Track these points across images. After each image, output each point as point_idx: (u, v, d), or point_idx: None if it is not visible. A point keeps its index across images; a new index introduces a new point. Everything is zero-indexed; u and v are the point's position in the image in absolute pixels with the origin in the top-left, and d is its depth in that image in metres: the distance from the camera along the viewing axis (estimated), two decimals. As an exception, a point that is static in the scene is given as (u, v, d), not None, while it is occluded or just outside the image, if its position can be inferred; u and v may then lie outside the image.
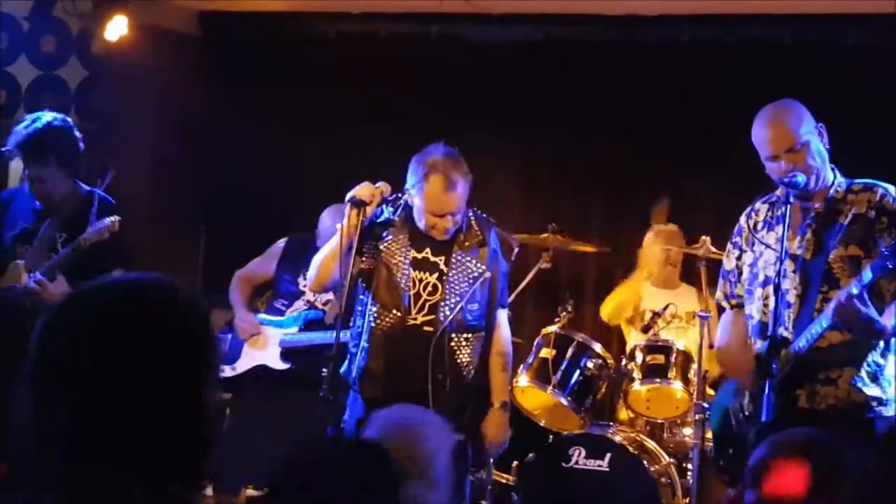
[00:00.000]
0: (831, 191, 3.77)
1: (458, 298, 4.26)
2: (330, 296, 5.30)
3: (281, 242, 5.51)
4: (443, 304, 4.25)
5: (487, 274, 4.31)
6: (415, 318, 4.28)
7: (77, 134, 4.72)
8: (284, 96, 6.57)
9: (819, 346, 3.62)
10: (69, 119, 4.78)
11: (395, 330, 4.28)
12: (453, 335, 4.27)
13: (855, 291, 3.45)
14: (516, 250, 4.44)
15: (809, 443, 2.51)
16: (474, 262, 4.31)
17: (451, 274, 4.29)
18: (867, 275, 3.46)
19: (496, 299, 4.38)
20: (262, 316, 5.42)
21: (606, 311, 5.86)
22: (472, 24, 6.49)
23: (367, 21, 6.59)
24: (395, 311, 4.28)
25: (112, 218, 4.49)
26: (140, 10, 6.21)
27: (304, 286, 5.35)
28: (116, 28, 6.06)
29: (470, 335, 4.31)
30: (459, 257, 4.31)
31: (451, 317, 4.24)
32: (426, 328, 4.26)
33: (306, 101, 6.60)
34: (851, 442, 2.94)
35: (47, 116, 4.68)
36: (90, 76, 6.46)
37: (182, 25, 6.68)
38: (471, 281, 4.29)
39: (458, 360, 4.29)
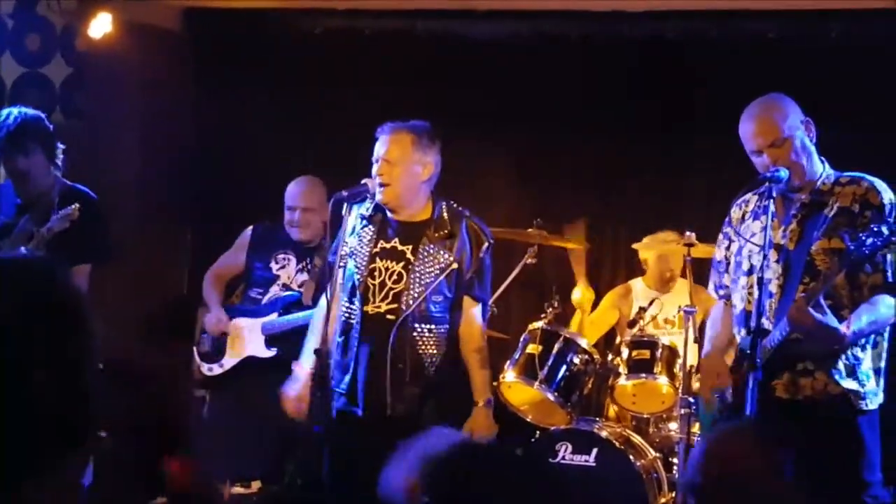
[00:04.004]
0: (818, 183, 3.79)
1: (422, 288, 4.24)
2: (305, 276, 5.32)
3: (247, 231, 5.51)
4: (406, 293, 4.25)
5: (454, 265, 4.28)
6: (378, 307, 4.28)
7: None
8: (270, 93, 6.55)
9: (798, 338, 3.64)
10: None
11: (358, 320, 4.28)
12: (416, 325, 4.25)
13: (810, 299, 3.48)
14: (486, 245, 4.37)
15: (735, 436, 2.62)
16: (442, 252, 4.29)
17: (416, 264, 4.27)
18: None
19: (462, 291, 4.33)
20: (241, 316, 5.40)
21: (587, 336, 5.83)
22: (457, 20, 6.48)
23: (353, 17, 6.57)
24: (355, 301, 4.30)
25: (71, 207, 4.47)
26: (124, 7, 6.18)
27: (277, 271, 5.36)
28: (101, 25, 6.03)
29: (434, 327, 4.28)
30: (428, 248, 4.29)
31: (413, 306, 4.23)
32: (389, 316, 4.25)
33: (292, 99, 6.60)
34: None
35: (16, 110, 4.68)
36: (75, 73, 6.43)
37: (167, 22, 6.66)
38: (437, 272, 4.26)
39: (421, 352, 4.27)
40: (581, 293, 5.92)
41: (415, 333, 4.25)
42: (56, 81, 6.42)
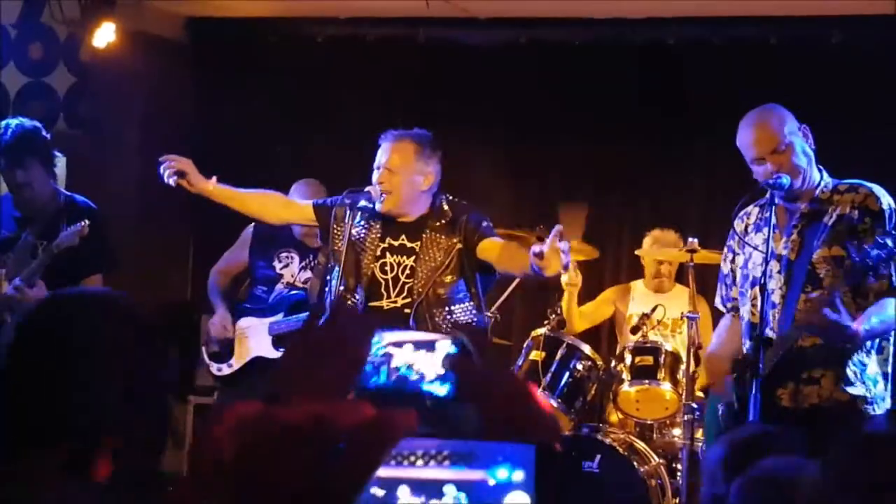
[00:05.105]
0: (817, 191, 3.80)
1: (430, 273, 4.27)
2: (308, 274, 5.32)
3: (249, 229, 5.51)
4: (417, 282, 4.28)
5: (459, 245, 4.29)
6: (394, 301, 4.30)
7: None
8: (272, 101, 6.57)
9: (802, 346, 3.65)
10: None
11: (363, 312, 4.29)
12: (434, 310, 4.26)
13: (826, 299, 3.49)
14: (485, 224, 4.36)
15: (766, 440, 2.57)
16: (443, 236, 4.31)
17: (422, 253, 4.30)
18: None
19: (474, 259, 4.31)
20: (247, 315, 5.41)
21: (576, 322, 5.82)
22: (459, 28, 6.50)
23: (355, 25, 6.60)
24: (355, 296, 4.31)
25: (81, 223, 4.48)
26: (128, 16, 6.21)
27: (280, 269, 5.37)
28: (104, 34, 6.05)
29: (453, 307, 4.29)
30: (431, 236, 4.32)
31: (424, 292, 4.25)
32: (406, 310, 4.27)
33: (294, 106, 6.61)
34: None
35: (14, 122, 4.68)
36: (78, 83, 6.45)
37: (169, 31, 6.69)
38: (441, 255, 4.28)
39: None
40: (569, 276, 5.88)
41: (437, 319, 4.26)
42: (60, 91, 6.44)
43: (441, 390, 1.20)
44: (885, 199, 3.75)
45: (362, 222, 4.38)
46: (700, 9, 6.16)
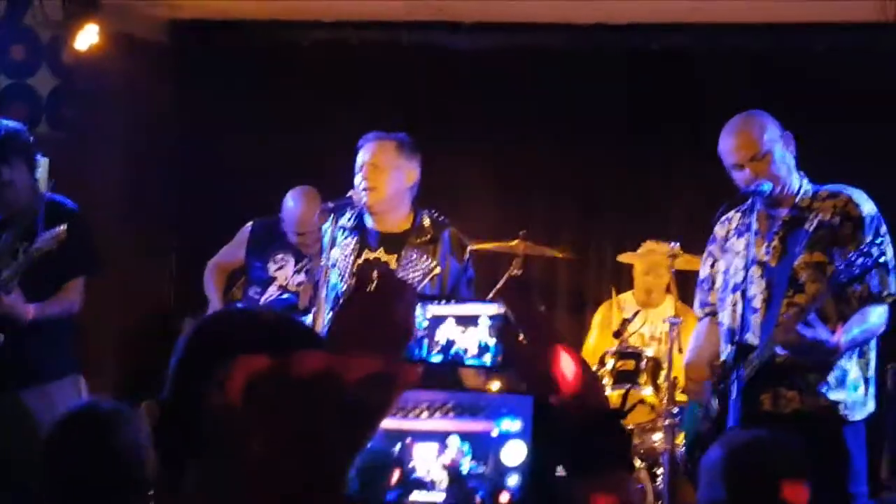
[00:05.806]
0: (798, 198, 3.83)
1: None
2: (302, 277, 5.31)
3: (247, 228, 5.51)
4: None
5: (437, 270, 4.28)
6: None
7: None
8: (257, 105, 6.56)
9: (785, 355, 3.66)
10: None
11: None
12: None
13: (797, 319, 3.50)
14: (469, 248, 4.39)
15: (761, 444, 2.57)
16: (424, 258, 4.30)
17: (399, 271, 4.27)
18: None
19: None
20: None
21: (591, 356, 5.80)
22: (444, 32, 6.51)
23: (340, 29, 6.60)
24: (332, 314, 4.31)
25: (59, 228, 4.44)
26: (111, 18, 6.18)
27: (274, 272, 5.36)
28: (87, 36, 6.03)
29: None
30: (410, 254, 4.31)
31: None
32: None
33: (278, 110, 6.60)
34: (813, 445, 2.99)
35: None
36: (61, 85, 6.42)
37: (153, 34, 6.67)
38: (420, 276, 4.27)
39: None
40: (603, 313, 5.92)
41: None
42: (42, 93, 6.41)
43: (485, 363, 1.22)
44: (866, 206, 3.77)
45: (341, 240, 4.37)
46: (689, 15, 6.16)
